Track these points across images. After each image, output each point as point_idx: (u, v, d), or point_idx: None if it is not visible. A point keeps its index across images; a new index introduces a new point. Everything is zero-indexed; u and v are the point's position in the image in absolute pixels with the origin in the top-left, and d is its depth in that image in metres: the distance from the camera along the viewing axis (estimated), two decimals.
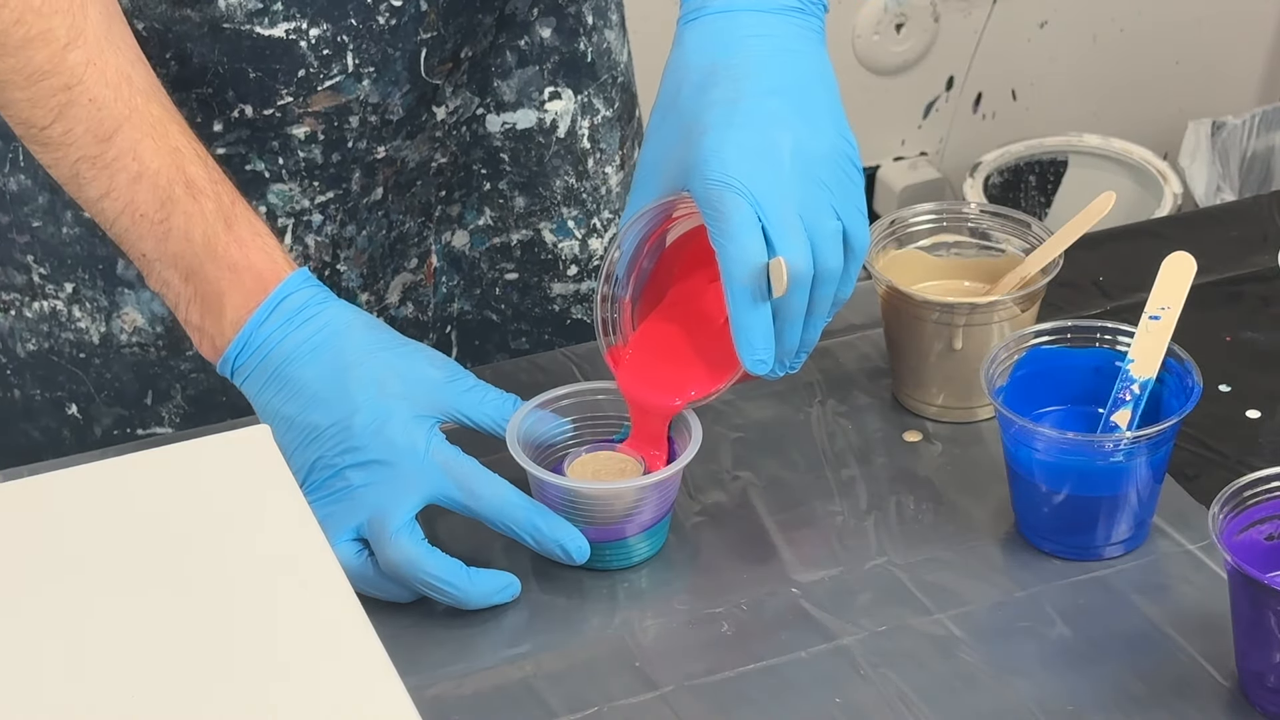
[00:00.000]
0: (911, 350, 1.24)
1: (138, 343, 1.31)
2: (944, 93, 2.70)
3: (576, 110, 1.36)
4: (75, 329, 1.31)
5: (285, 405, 1.13)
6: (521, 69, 1.33)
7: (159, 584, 0.93)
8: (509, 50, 1.33)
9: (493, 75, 1.33)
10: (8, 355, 1.33)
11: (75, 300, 1.30)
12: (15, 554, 0.95)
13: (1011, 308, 1.21)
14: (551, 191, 1.37)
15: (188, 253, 1.13)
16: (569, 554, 1.12)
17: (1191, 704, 1.05)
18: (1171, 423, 1.10)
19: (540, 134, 1.35)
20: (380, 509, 1.10)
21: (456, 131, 1.32)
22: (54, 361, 1.32)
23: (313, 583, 0.94)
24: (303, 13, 1.22)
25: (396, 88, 1.27)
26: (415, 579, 1.10)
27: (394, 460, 1.11)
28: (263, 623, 0.92)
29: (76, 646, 0.90)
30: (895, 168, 2.71)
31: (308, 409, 1.12)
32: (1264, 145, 2.68)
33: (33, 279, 1.30)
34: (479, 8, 1.29)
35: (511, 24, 1.32)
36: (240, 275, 1.13)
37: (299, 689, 0.88)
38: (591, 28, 1.36)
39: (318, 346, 1.13)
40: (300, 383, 1.12)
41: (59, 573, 0.94)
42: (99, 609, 0.92)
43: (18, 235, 1.29)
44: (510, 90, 1.34)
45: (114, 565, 0.94)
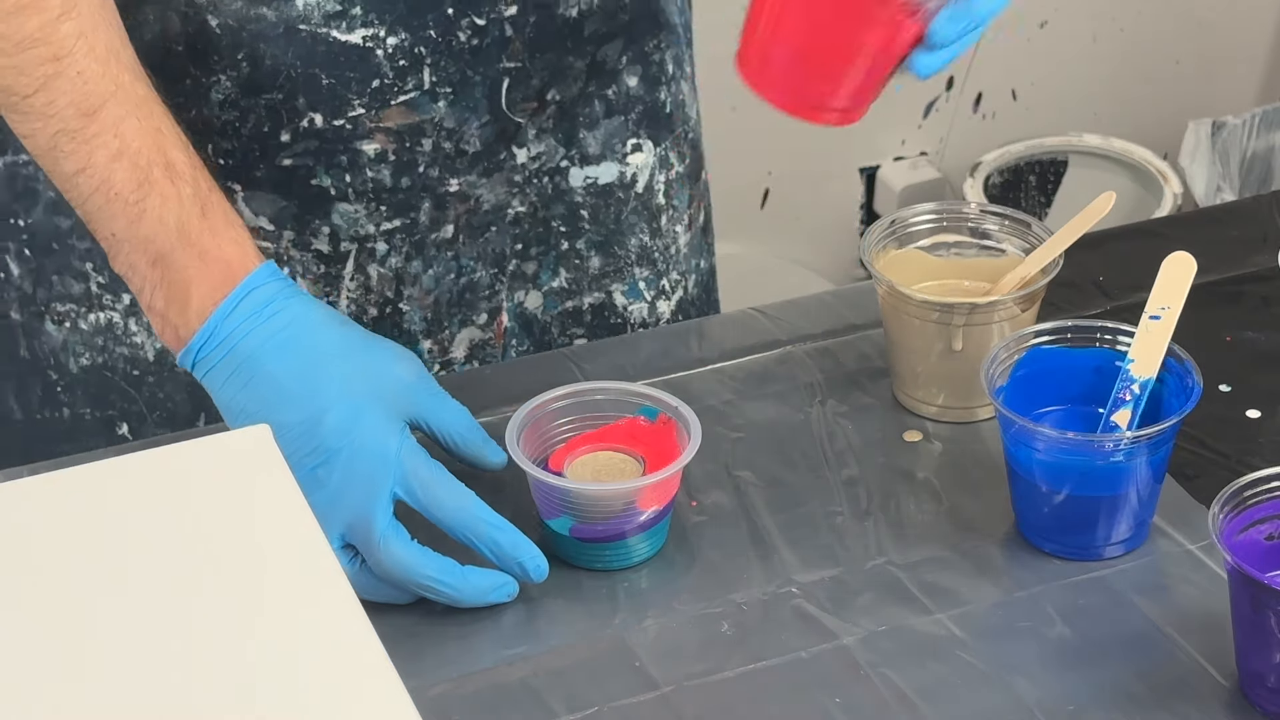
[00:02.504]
0: (911, 350, 1.24)
1: None
2: (944, 93, 2.70)
3: (655, 164, 1.34)
4: (130, 343, 1.29)
5: (251, 401, 1.11)
6: (608, 119, 1.31)
7: (159, 584, 0.93)
8: (597, 99, 1.30)
9: (579, 125, 1.30)
10: (59, 371, 1.31)
11: (133, 312, 1.28)
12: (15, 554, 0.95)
13: (1011, 308, 1.21)
14: (626, 250, 1.34)
15: (159, 237, 1.11)
16: (526, 573, 1.11)
17: (1191, 704, 1.05)
18: (1171, 423, 1.10)
19: (620, 189, 1.33)
20: (358, 513, 1.09)
21: (538, 180, 1.30)
22: (107, 378, 1.30)
23: (313, 583, 0.94)
24: (381, 19, 1.21)
25: (475, 116, 1.25)
26: (410, 582, 1.10)
27: (363, 461, 1.09)
28: (263, 623, 0.92)
29: (76, 646, 0.90)
30: (895, 168, 2.71)
31: (275, 406, 1.10)
32: (1264, 145, 2.68)
33: (90, 288, 1.28)
34: (570, 50, 1.27)
35: (601, 72, 1.29)
36: (209, 265, 1.12)
37: (299, 689, 0.88)
38: (671, 77, 1.34)
39: (285, 342, 1.11)
40: (267, 378, 1.10)
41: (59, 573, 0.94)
42: (99, 609, 0.92)
43: (78, 241, 1.27)
44: (595, 142, 1.31)
45: (114, 565, 0.94)
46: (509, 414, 1.17)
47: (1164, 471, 1.13)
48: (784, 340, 1.33)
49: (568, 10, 1.25)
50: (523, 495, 1.16)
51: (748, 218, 2.67)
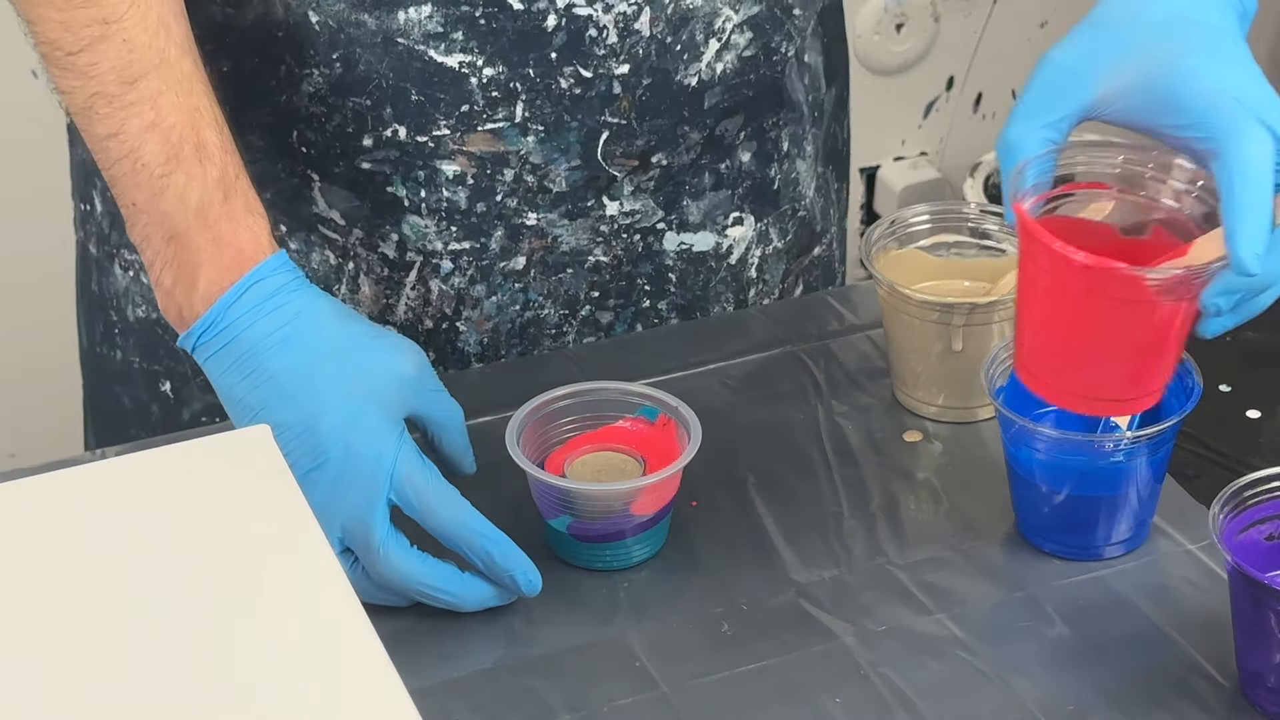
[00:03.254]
0: (911, 350, 1.24)
1: None
2: (944, 93, 2.70)
3: (753, 238, 1.33)
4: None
5: (251, 395, 1.10)
6: (714, 191, 1.30)
7: (159, 584, 0.93)
8: (709, 172, 1.29)
9: (685, 193, 1.29)
10: (119, 314, 1.33)
11: None
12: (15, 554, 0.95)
13: (1011, 308, 1.21)
14: (707, 317, 1.34)
15: (178, 214, 1.11)
16: (518, 585, 1.10)
17: (1191, 704, 1.05)
18: (1171, 423, 1.10)
19: (713, 258, 1.32)
20: (355, 518, 1.09)
21: (627, 235, 1.29)
22: (158, 334, 1.31)
23: (313, 583, 0.94)
24: (481, 49, 1.20)
25: (565, 158, 1.24)
26: (408, 589, 1.10)
27: (358, 466, 1.09)
28: (263, 623, 0.92)
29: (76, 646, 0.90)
30: (895, 168, 2.70)
31: (273, 404, 1.09)
32: None
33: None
34: (686, 119, 1.26)
35: (718, 146, 1.28)
36: (222, 250, 1.11)
37: (299, 689, 0.89)
38: (785, 155, 1.33)
39: (287, 338, 1.10)
40: (268, 374, 1.10)
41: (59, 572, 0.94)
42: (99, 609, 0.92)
43: None
44: (698, 211, 1.30)
45: (114, 565, 0.94)
46: (509, 414, 1.17)
47: (1164, 471, 1.13)
48: (784, 340, 1.33)
49: (687, 79, 1.24)
50: (523, 495, 1.16)
51: None
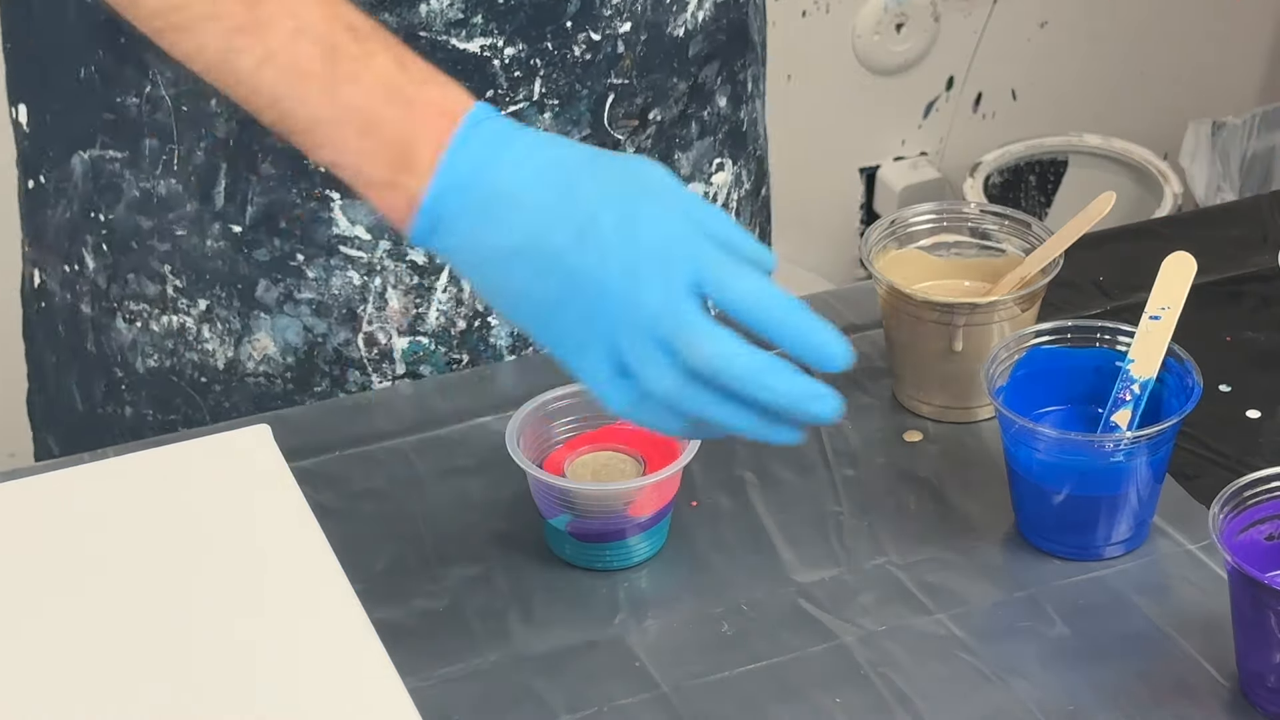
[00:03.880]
0: (911, 350, 1.24)
1: (264, 373, 1.28)
2: (944, 93, 2.70)
3: (731, 183, 1.34)
4: (201, 350, 1.28)
5: (511, 235, 0.97)
6: (700, 140, 1.30)
7: (159, 583, 0.93)
8: (694, 121, 1.29)
9: (675, 146, 1.29)
10: (125, 369, 1.30)
11: (207, 319, 1.27)
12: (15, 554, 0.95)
13: (1011, 308, 1.21)
14: None
15: (363, 101, 1.00)
16: (832, 358, 0.96)
17: (1191, 704, 1.05)
18: (1172, 423, 1.10)
19: None
20: (655, 312, 0.96)
21: None
22: (173, 382, 1.29)
23: (313, 582, 0.94)
24: (501, 29, 1.20)
25: (576, 129, 1.24)
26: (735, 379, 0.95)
27: (651, 250, 0.96)
28: (263, 622, 0.92)
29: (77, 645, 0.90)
30: (895, 168, 2.70)
31: (542, 232, 0.97)
32: (1264, 145, 2.68)
33: (166, 290, 1.27)
34: (675, 70, 1.26)
35: (701, 94, 1.29)
36: (424, 112, 1.00)
37: (299, 688, 0.89)
38: (749, 95, 1.34)
39: (536, 165, 0.99)
40: (528, 205, 0.98)
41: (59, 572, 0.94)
42: (99, 608, 0.92)
43: (159, 243, 1.26)
44: (687, 163, 1.30)
45: (114, 564, 0.94)
46: (509, 414, 1.17)
47: (1164, 471, 1.13)
48: None
49: (675, 30, 1.25)
50: (523, 495, 1.16)
51: None
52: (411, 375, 1.29)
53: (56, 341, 1.34)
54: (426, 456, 1.23)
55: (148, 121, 1.23)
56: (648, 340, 0.96)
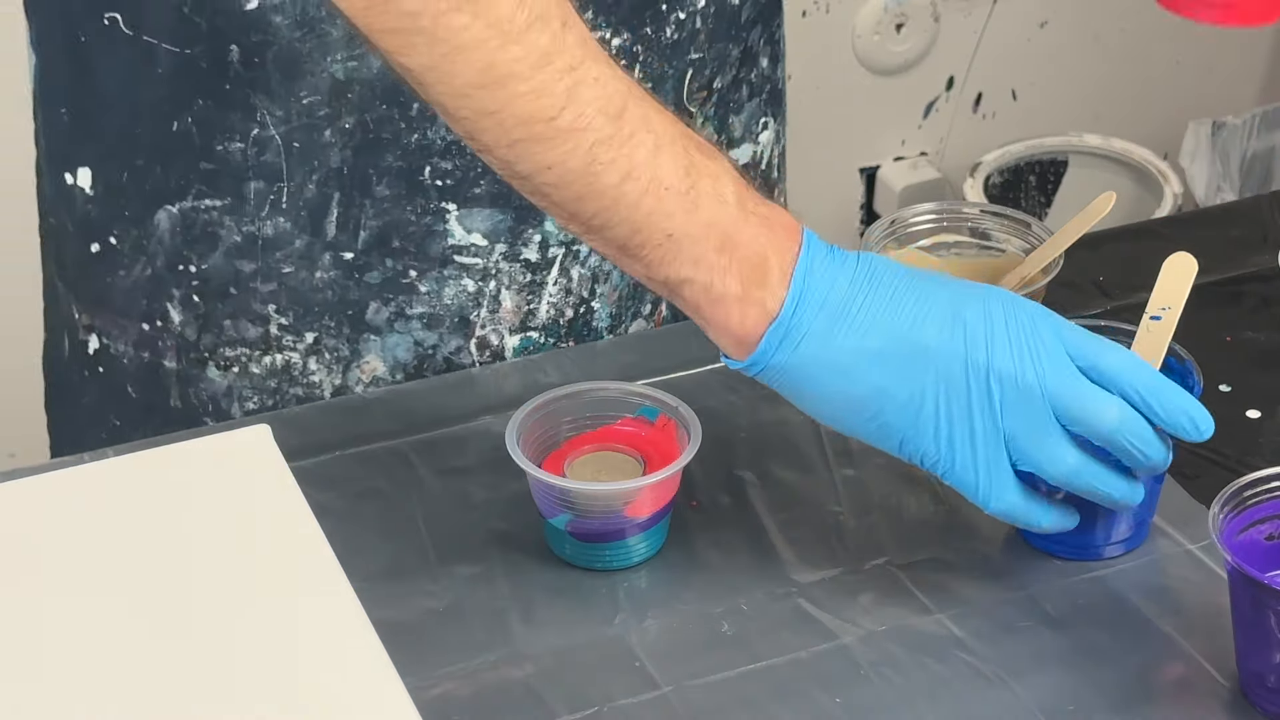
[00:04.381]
0: None
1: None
2: (944, 93, 2.70)
3: (772, 140, 1.35)
4: (307, 383, 1.28)
5: (873, 339, 1.03)
6: (750, 102, 1.31)
7: (159, 583, 0.93)
8: (745, 84, 1.31)
9: (730, 111, 1.30)
10: (218, 418, 1.29)
11: (314, 351, 1.27)
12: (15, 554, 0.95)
13: None
14: None
15: (722, 216, 1.03)
16: (1196, 426, 1.05)
17: (1191, 704, 1.05)
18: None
19: (752, 169, 1.33)
20: (1038, 375, 1.03)
21: None
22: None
23: (313, 583, 0.94)
24: (608, 21, 1.21)
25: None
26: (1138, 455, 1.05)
27: (1025, 327, 1.03)
28: (263, 623, 0.92)
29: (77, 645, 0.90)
30: (895, 168, 2.70)
31: (909, 327, 1.03)
32: (1264, 145, 2.68)
33: (269, 330, 1.26)
34: (732, 37, 1.28)
35: (749, 56, 1.30)
36: (775, 230, 1.04)
37: (299, 689, 0.89)
38: (781, 53, 1.35)
39: (874, 276, 1.04)
40: (883, 307, 1.03)
41: (59, 572, 0.94)
42: (99, 608, 0.92)
43: (262, 284, 1.25)
44: (740, 125, 1.31)
45: (114, 564, 0.94)
46: (509, 414, 1.17)
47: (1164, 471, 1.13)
48: None
49: None
50: (523, 495, 1.16)
51: None
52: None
53: (124, 404, 1.32)
54: (426, 456, 1.23)
55: (254, 165, 1.22)
56: (1047, 420, 1.03)
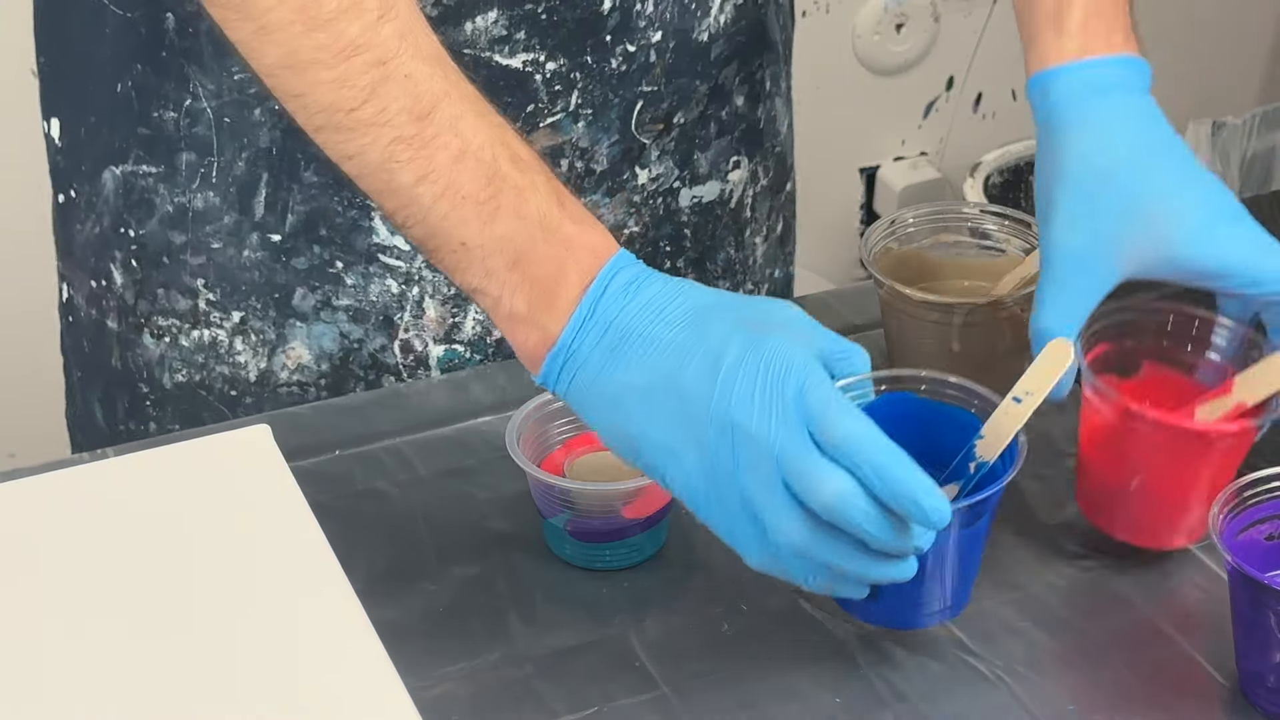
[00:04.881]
0: (911, 350, 1.24)
1: (297, 381, 1.28)
2: (944, 93, 2.70)
3: (747, 179, 1.34)
4: (233, 362, 1.28)
5: (640, 375, 0.99)
6: (718, 139, 1.31)
7: (159, 583, 0.93)
8: (713, 121, 1.31)
9: (695, 146, 1.30)
10: (151, 385, 1.29)
11: (240, 331, 1.27)
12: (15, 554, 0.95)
13: (1012, 308, 1.21)
14: (715, 265, 1.35)
15: (519, 233, 1.00)
16: (925, 514, 0.96)
17: (1191, 704, 1.05)
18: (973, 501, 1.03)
19: (719, 206, 1.33)
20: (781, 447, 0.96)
21: (653, 201, 1.30)
22: (201, 396, 1.29)
23: (313, 582, 0.94)
24: (543, 45, 1.21)
25: (606, 136, 1.25)
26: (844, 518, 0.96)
27: (774, 385, 0.96)
28: (263, 623, 0.92)
29: (77, 645, 0.90)
30: (895, 168, 2.71)
31: (673, 369, 0.98)
32: (1264, 145, 2.68)
33: (198, 305, 1.27)
34: (699, 74, 1.27)
35: (720, 94, 1.30)
36: (576, 252, 1.00)
37: (299, 689, 0.89)
38: (767, 94, 1.35)
39: (665, 306, 1.00)
40: (657, 342, 0.99)
41: (59, 572, 0.94)
42: (99, 608, 0.92)
43: (191, 257, 1.26)
44: (706, 162, 1.31)
45: (114, 564, 0.94)
46: (509, 414, 1.17)
47: (980, 543, 1.06)
48: None
49: (700, 35, 1.26)
50: (523, 495, 1.16)
51: None
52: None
53: (81, 357, 1.35)
54: (426, 456, 1.23)
55: (186, 135, 1.23)
56: (775, 485, 0.96)
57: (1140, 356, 1.15)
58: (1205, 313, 1.14)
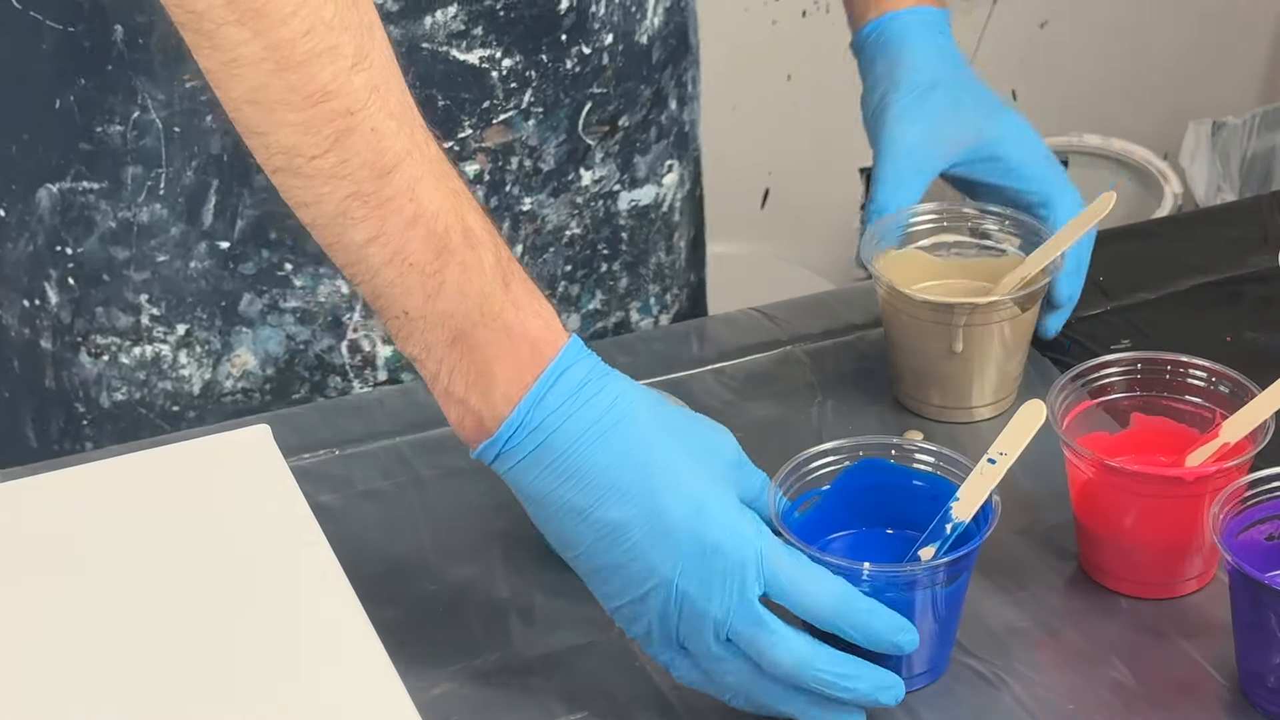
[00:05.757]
0: (911, 350, 1.24)
1: (242, 389, 1.27)
2: None
3: (677, 183, 1.35)
4: (176, 376, 1.26)
5: (575, 496, 0.99)
6: (657, 143, 1.32)
7: (159, 583, 0.93)
8: (654, 125, 1.31)
9: (636, 151, 1.31)
10: (88, 404, 1.28)
11: (185, 344, 1.26)
12: (15, 554, 0.95)
13: (1011, 308, 1.21)
14: (647, 269, 1.35)
15: (459, 312, 0.99)
16: (899, 647, 1.00)
17: (1191, 704, 1.05)
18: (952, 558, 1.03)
19: (654, 210, 1.34)
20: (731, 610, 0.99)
21: (595, 204, 1.30)
22: (141, 414, 1.27)
23: (313, 582, 0.94)
24: (499, 40, 1.21)
25: (554, 134, 1.25)
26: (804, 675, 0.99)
27: (721, 559, 0.99)
28: (263, 622, 0.92)
29: (77, 646, 0.90)
30: None
31: (605, 501, 0.99)
32: (1264, 145, 2.68)
33: (140, 321, 1.25)
34: (644, 78, 1.28)
35: (660, 98, 1.31)
36: (514, 342, 0.99)
37: (299, 689, 0.88)
38: (690, 97, 1.36)
39: (609, 429, 0.99)
40: (594, 471, 0.99)
41: (59, 572, 0.94)
42: (99, 608, 0.92)
43: (135, 273, 1.24)
44: (644, 166, 1.32)
45: (114, 564, 0.94)
46: None
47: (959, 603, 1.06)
48: (784, 340, 1.33)
49: (641, 37, 1.27)
50: None
51: (748, 218, 2.67)
52: (393, 382, 1.29)
53: (11, 377, 1.31)
54: (426, 456, 1.23)
55: (132, 149, 1.22)
56: (715, 640, 1.00)
57: (1127, 410, 1.16)
58: (1173, 356, 1.15)
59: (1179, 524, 1.09)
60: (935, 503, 1.06)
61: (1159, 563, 1.11)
